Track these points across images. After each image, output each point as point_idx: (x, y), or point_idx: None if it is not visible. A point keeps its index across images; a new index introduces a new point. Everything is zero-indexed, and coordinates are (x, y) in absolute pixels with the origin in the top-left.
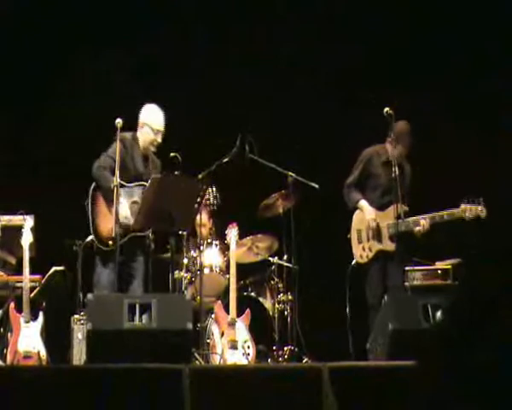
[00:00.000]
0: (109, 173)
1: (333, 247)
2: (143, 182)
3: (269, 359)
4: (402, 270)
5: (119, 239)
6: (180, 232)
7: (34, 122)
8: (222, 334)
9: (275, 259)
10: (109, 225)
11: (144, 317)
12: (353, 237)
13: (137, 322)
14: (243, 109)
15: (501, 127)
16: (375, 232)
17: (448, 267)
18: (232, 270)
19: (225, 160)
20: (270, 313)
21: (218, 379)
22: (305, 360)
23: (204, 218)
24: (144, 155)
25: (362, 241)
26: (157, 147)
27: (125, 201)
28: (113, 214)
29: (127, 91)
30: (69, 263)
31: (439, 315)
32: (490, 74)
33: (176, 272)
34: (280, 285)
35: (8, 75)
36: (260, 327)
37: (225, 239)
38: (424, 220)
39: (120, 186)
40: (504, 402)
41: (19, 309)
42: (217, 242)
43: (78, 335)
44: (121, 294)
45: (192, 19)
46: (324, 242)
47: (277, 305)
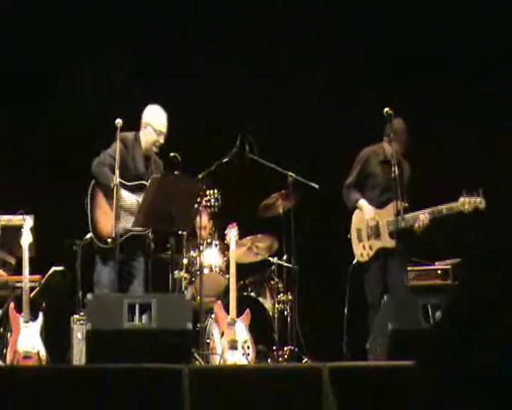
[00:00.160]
0: (109, 171)
1: (333, 247)
2: (144, 181)
3: (269, 359)
4: (402, 268)
5: (120, 237)
6: (180, 232)
7: (34, 122)
8: (222, 334)
9: (275, 259)
10: (108, 223)
11: (144, 317)
12: (353, 237)
13: (137, 322)
14: (243, 109)
15: (501, 127)
16: (375, 230)
17: (448, 267)
18: (232, 270)
19: (225, 160)
20: (269, 313)
21: (218, 379)
22: (305, 360)
23: (204, 220)
24: (146, 156)
25: (362, 240)
26: (159, 148)
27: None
28: (113, 212)
29: (127, 91)
30: (69, 263)
31: (439, 315)
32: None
33: (176, 272)
34: (280, 285)
35: (8, 75)
36: (260, 327)
37: (225, 239)
38: (423, 215)
39: (120, 185)
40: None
41: (18, 309)
42: (216, 242)
43: (77, 335)
44: (121, 294)
45: (192, 19)
46: (324, 242)
47: (277, 305)
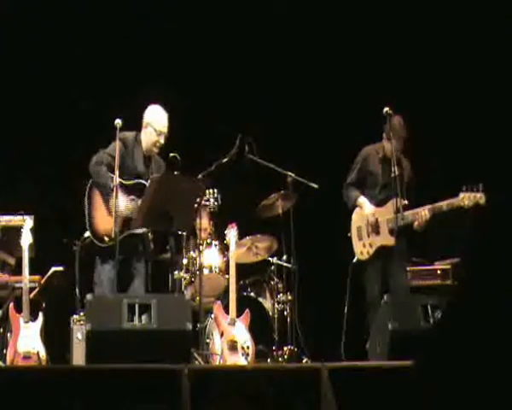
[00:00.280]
0: (105, 169)
1: (332, 247)
2: (143, 181)
3: (268, 359)
4: (403, 266)
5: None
6: (180, 233)
7: (34, 122)
8: (221, 334)
9: (274, 259)
10: (105, 221)
11: (144, 317)
12: (353, 235)
13: (137, 322)
14: (243, 109)
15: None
16: (374, 227)
17: (448, 267)
18: (232, 270)
19: (225, 160)
20: (269, 314)
21: (218, 379)
22: (305, 360)
23: (204, 220)
24: (147, 156)
25: (362, 238)
26: (159, 148)
27: (123, 197)
28: (109, 210)
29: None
30: (68, 263)
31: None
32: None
33: (175, 273)
34: (279, 285)
35: (8, 75)
36: (260, 327)
37: (225, 239)
38: (423, 212)
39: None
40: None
41: (18, 309)
42: (216, 242)
43: (77, 335)
44: (121, 294)
45: (192, 18)
46: (324, 242)
47: (277, 305)
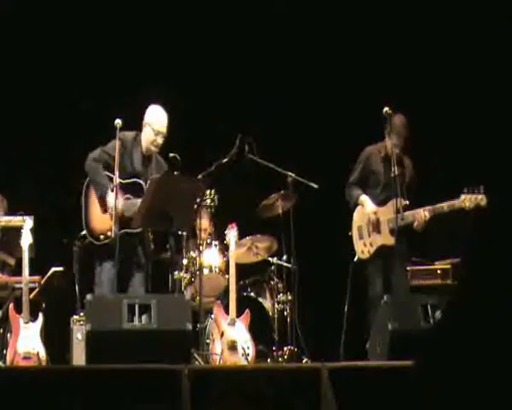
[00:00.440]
0: (101, 167)
1: (332, 247)
2: (140, 181)
3: (268, 359)
4: (403, 266)
5: (110, 234)
6: (180, 233)
7: (34, 122)
8: (221, 334)
9: (274, 259)
10: (100, 220)
11: (144, 317)
12: (354, 234)
13: (137, 322)
14: (243, 109)
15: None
16: (375, 225)
17: (448, 267)
18: (232, 270)
19: (225, 160)
20: (269, 314)
21: (218, 380)
22: (305, 360)
23: (204, 222)
24: (146, 156)
25: (363, 237)
26: (157, 147)
27: (119, 196)
28: (103, 209)
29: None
30: (68, 263)
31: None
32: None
33: (175, 273)
34: (279, 285)
35: (8, 75)
36: (260, 327)
37: (225, 239)
38: (423, 212)
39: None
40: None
41: (18, 310)
42: (216, 242)
43: (77, 335)
44: (121, 294)
45: (192, 18)
46: (324, 242)
47: (277, 305)
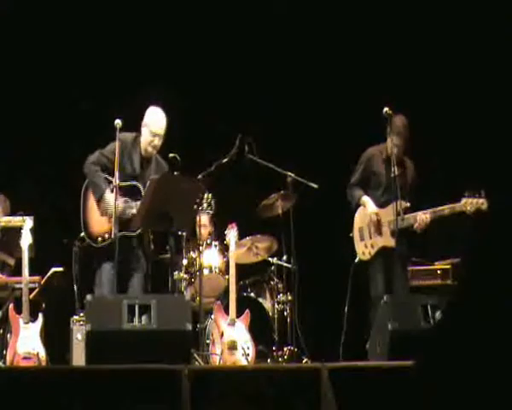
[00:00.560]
0: (99, 169)
1: (332, 247)
2: (137, 184)
3: (268, 359)
4: (404, 267)
5: (108, 237)
6: (180, 233)
7: (34, 122)
8: (221, 335)
9: (274, 259)
10: (98, 222)
11: (144, 318)
12: (356, 235)
13: (137, 323)
14: (243, 109)
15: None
16: (377, 227)
17: (448, 267)
18: (232, 270)
19: (225, 160)
20: (269, 314)
21: (218, 380)
22: (305, 360)
23: (204, 218)
24: (145, 157)
25: (364, 238)
26: (154, 149)
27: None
28: (101, 212)
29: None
30: (68, 264)
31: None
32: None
33: (175, 273)
34: (279, 286)
35: (8, 75)
36: (260, 328)
37: (225, 240)
38: (424, 215)
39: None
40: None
41: (18, 310)
42: (216, 242)
43: (77, 336)
44: (120, 295)
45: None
46: (324, 242)
47: (277, 305)
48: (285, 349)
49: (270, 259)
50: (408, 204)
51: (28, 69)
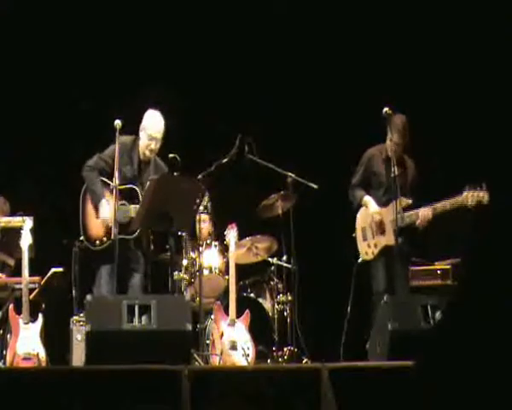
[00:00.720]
0: (97, 175)
1: (332, 247)
2: (135, 187)
3: (268, 359)
4: (405, 266)
5: (107, 240)
6: (179, 233)
7: (34, 122)
8: (221, 335)
9: (274, 259)
10: (95, 226)
11: (144, 318)
12: (358, 235)
13: (137, 323)
14: (243, 109)
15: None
16: (379, 226)
17: (448, 268)
18: (231, 271)
19: (225, 160)
20: (269, 314)
21: (218, 380)
22: (305, 361)
23: (204, 216)
24: (143, 160)
25: (367, 238)
26: (152, 153)
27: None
28: (98, 216)
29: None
30: (68, 264)
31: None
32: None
33: (175, 274)
34: (279, 286)
35: (8, 75)
36: (260, 328)
37: (224, 240)
38: (425, 211)
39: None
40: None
41: (18, 311)
42: (216, 243)
43: (77, 336)
44: (120, 295)
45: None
46: (324, 242)
47: (277, 306)
48: (285, 350)
49: (270, 259)
50: (410, 201)
51: (28, 69)
